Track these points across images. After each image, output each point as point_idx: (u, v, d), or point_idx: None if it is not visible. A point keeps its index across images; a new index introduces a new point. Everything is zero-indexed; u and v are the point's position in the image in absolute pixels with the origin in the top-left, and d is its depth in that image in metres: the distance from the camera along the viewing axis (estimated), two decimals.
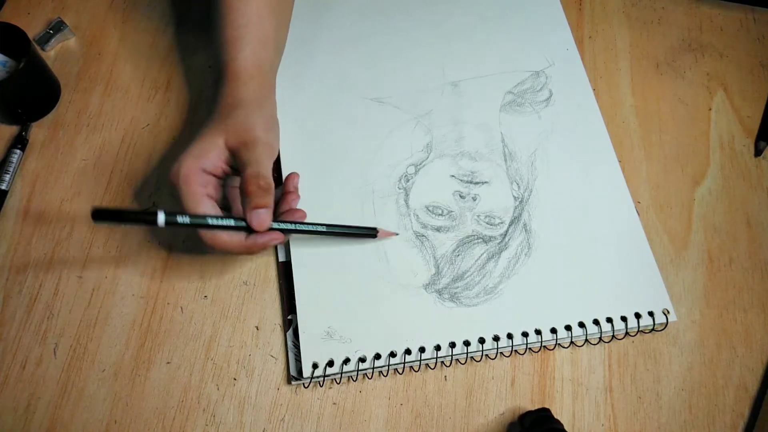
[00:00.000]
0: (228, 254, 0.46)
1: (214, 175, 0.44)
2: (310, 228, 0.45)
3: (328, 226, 0.46)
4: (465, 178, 0.51)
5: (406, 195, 0.50)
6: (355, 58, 0.57)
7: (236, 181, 0.45)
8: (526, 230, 0.49)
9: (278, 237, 0.43)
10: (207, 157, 0.43)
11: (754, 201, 0.53)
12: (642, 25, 0.61)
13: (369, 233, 0.47)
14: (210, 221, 0.41)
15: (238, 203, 0.45)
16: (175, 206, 0.41)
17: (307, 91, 0.55)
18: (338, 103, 0.54)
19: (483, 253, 0.48)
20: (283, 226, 0.43)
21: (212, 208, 0.43)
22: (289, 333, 0.46)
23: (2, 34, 0.51)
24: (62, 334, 0.46)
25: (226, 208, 0.46)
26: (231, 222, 0.41)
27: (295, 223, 0.45)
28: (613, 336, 0.46)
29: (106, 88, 0.56)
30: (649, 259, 0.49)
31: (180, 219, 0.40)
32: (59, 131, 0.54)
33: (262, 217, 0.42)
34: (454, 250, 0.48)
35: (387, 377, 0.46)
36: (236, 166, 0.44)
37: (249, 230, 0.42)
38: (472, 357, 0.46)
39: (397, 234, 0.48)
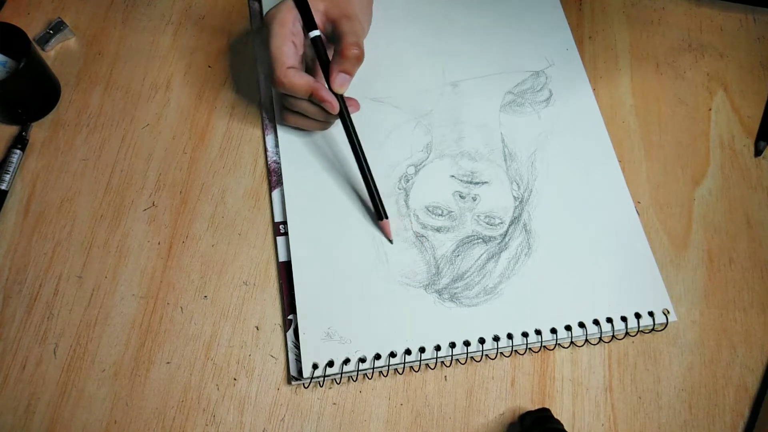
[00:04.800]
0: (287, 93, 0.47)
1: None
2: (355, 139, 0.47)
3: (365, 161, 0.48)
4: (465, 179, 0.51)
5: (406, 195, 0.50)
6: None
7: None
8: (526, 230, 0.49)
9: (335, 105, 0.46)
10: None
11: (754, 201, 0.53)
12: (642, 25, 0.61)
13: (379, 213, 0.47)
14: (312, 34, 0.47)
15: (316, 73, 0.49)
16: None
17: None
18: None
19: (483, 254, 0.48)
20: (346, 114, 0.47)
21: (294, 52, 0.47)
22: (289, 333, 0.46)
23: (2, 34, 0.51)
24: (62, 334, 0.46)
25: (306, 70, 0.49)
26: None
27: (350, 121, 0.47)
28: (613, 336, 0.46)
29: (106, 88, 0.56)
30: (649, 259, 0.49)
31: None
32: (59, 131, 0.54)
33: (345, 80, 0.46)
34: (454, 251, 0.48)
35: (387, 377, 0.46)
36: (330, 35, 0.49)
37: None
38: (472, 357, 0.46)
39: (390, 242, 0.48)
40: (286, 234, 0.49)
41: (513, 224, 0.50)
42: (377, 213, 0.48)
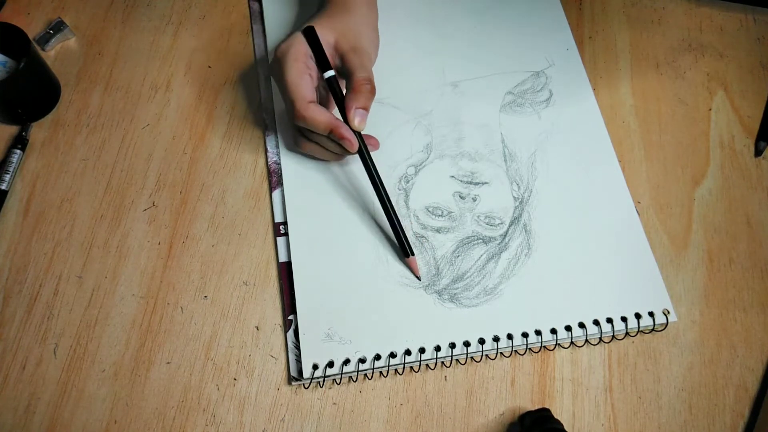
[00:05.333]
0: (306, 127, 0.47)
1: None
2: (377, 177, 0.47)
3: (388, 199, 0.47)
4: (465, 179, 0.51)
5: (406, 196, 0.50)
6: None
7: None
8: (526, 231, 0.49)
9: (355, 144, 0.46)
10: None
11: (754, 201, 0.53)
12: (642, 25, 0.61)
13: (405, 251, 0.47)
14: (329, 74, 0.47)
15: (329, 103, 0.50)
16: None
17: None
18: None
19: (483, 254, 0.48)
20: (365, 152, 0.47)
21: (311, 86, 0.47)
22: (290, 333, 0.46)
23: (2, 34, 0.51)
24: (62, 334, 0.46)
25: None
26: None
27: (370, 158, 0.47)
28: (613, 336, 0.46)
29: (106, 88, 0.56)
30: (649, 259, 0.49)
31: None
32: (59, 131, 0.54)
33: (362, 115, 0.46)
34: (454, 251, 0.48)
35: (387, 377, 0.46)
36: (340, 69, 0.48)
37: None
38: (472, 357, 0.46)
39: (419, 278, 0.47)
40: (286, 234, 0.49)
41: (513, 225, 0.50)
42: (403, 251, 0.47)
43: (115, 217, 0.50)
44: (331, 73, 0.47)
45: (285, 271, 0.48)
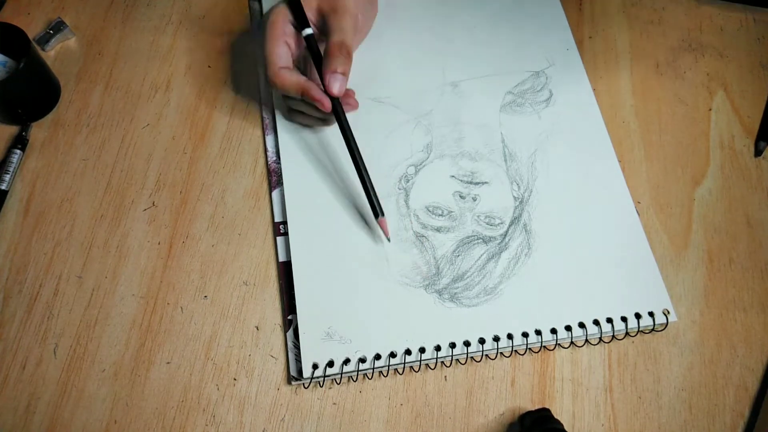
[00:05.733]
0: (281, 92, 0.49)
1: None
2: (351, 138, 0.47)
3: (360, 159, 0.47)
4: (465, 179, 0.51)
5: (406, 195, 0.50)
6: (355, 58, 0.56)
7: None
8: (526, 231, 0.49)
9: (327, 104, 0.46)
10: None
11: (754, 201, 0.53)
12: (642, 25, 0.61)
13: (375, 211, 0.47)
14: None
15: (312, 69, 0.50)
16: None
17: None
18: None
19: (483, 254, 0.48)
20: (340, 112, 0.47)
21: (286, 53, 0.48)
22: (289, 333, 0.46)
23: (2, 34, 0.51)
24: (62, 334, 0.46)
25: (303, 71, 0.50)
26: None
27: (344, 118, 0.47)
28: (613, 336, 0.46)
29: (106, 88, 0.56)
30: (649, 259, 0.49)
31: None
32: (59, 131, 0.54)
33: (338, 80, 0.46)
34: (454, 251, 0.48)
35: (387, 377, 0.46)
36: (323, 29, 0.49)
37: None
38: (472, 357, 0.46)
39: (388, 240, 0.48)
40: (286, 234, 0.49)
41: (513, 224, 0.50)
42: (373, 211, 0.48)
43: (115, 217, 0.50)
44: (308, 31, 0.48)
45: (285, 271, 0.48)
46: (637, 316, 0.46)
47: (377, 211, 0.47)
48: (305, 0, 0.48)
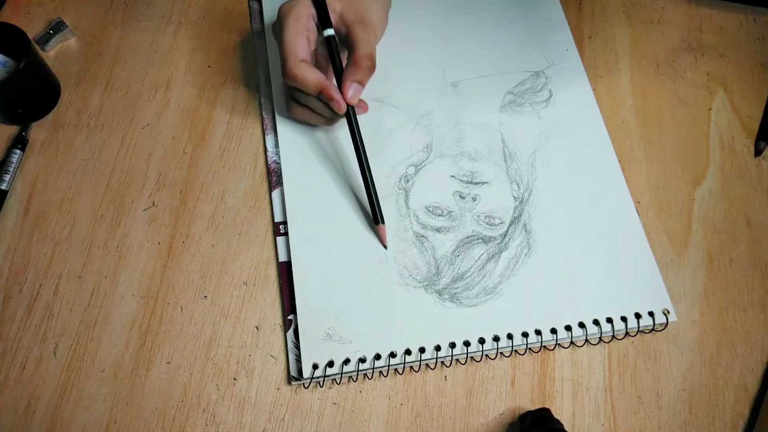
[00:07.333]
0: (296, 86, 0.47)
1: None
2: (360, 144, 0.47)
3: (367, 165, 0.47)
4: (465, 179, 0.51)
5: (406, 195, 0.50)
6: None
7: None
8: (526, 230, 0.49)
9: (343, 106, 0.46)
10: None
11: (754, 201, 0.53)
12: (642, 25, 0.61)
13: (376, 217, 0.47)
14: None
15: (326, 70, 0.50)
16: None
17: None
18: None
19: (483, 254, 0.48)
20: (353, 116, 0.47)
21: (307, 47, 0.47)
22: (289, 333, 0.46)
23: (2, 34, 0.51)
24: (62, 334, 0.46)
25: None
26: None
27: (356, 123, 0.47)
28: (613, 336, 0.46)
29: (106, 88, 0.56)
30: (649, 259, 0.49)
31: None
32: (59, 131, 0.54)
33: (357, 90, 0.46)
34: (454, 251, 0.48)
35: (387, 377, 0.46)
36: (344, 38, 0.48)
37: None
38: (472, 357, 0.46)
39: (385, 247, 0.48)
40: (286, 234, 0.49)
41: (513, 224, 0.50)
42: (374, 217, 0.48)
43: (115, 217, 0.50)
44: (330, 31, 0.47)
45: (285, 271, 0.48)
46: (637, 316, 0.46)
47: (378, 218, 0.47)
48: (329, 3, 0.48)
